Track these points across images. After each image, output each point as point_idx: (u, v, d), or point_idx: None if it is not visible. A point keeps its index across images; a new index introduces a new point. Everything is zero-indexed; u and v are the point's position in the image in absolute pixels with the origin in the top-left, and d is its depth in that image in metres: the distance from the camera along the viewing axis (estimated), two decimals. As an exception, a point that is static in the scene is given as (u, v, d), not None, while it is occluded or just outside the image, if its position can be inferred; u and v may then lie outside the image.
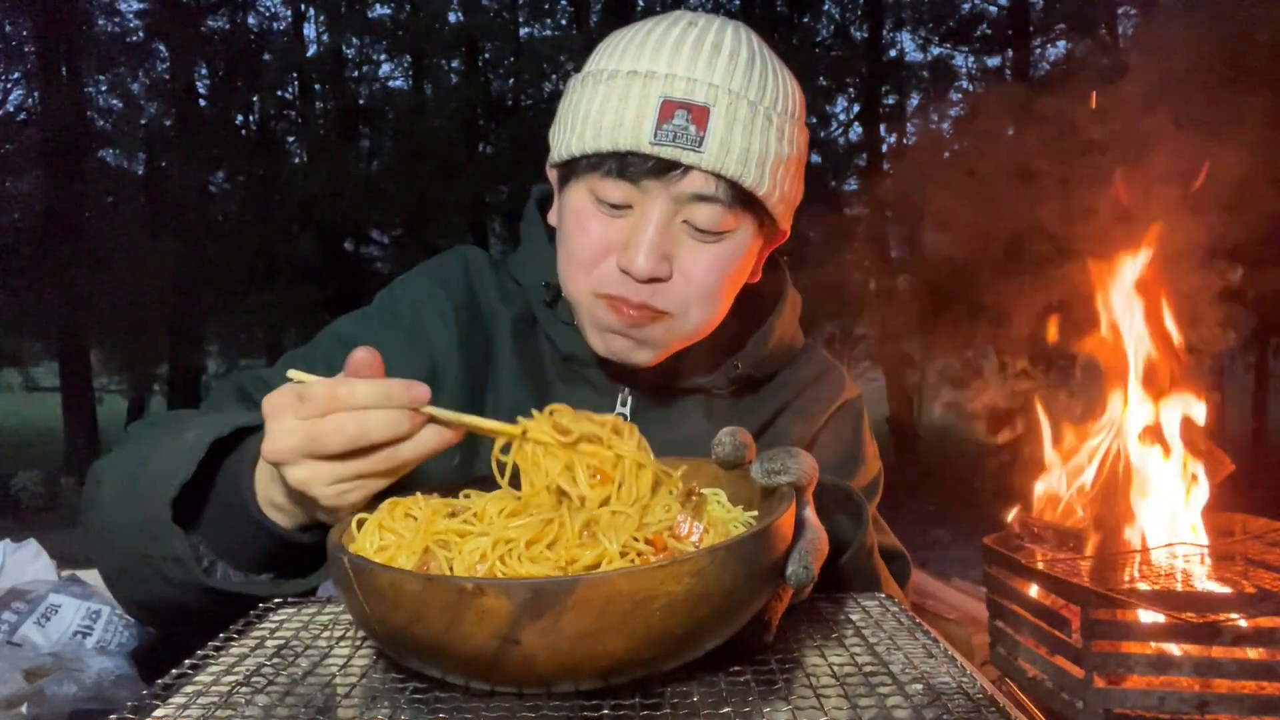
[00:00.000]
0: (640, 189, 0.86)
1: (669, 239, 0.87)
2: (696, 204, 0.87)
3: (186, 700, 0.59)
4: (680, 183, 0.85)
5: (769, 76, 0.90)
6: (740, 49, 0.89)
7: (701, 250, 0.89)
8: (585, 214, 0.89)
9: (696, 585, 0.55)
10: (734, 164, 0.85)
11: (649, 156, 0.84)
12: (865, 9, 10.98)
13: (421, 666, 0.59)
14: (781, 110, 0.90)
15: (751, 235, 0.91)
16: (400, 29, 11.40)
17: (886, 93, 11.39)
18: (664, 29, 0.90)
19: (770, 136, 0.88)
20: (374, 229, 11.34)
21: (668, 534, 0.63)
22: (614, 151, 0.85)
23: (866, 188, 10.73)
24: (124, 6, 17.83)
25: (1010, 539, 1.55)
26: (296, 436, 0.68)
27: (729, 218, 0.88)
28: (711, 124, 0.85)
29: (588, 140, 0.87)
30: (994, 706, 0.56)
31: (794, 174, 0.93)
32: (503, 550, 0.62)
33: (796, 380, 1.07)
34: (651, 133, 0.84)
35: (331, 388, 0.68)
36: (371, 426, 0.68)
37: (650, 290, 0.88)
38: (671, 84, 0.85)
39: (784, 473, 0.67)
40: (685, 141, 0.84)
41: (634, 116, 0.85)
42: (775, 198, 0.90)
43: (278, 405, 0.69)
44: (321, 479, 0.69)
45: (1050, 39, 10.81)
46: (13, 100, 11.00)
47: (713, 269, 0.89)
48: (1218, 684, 1.19)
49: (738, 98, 0.86)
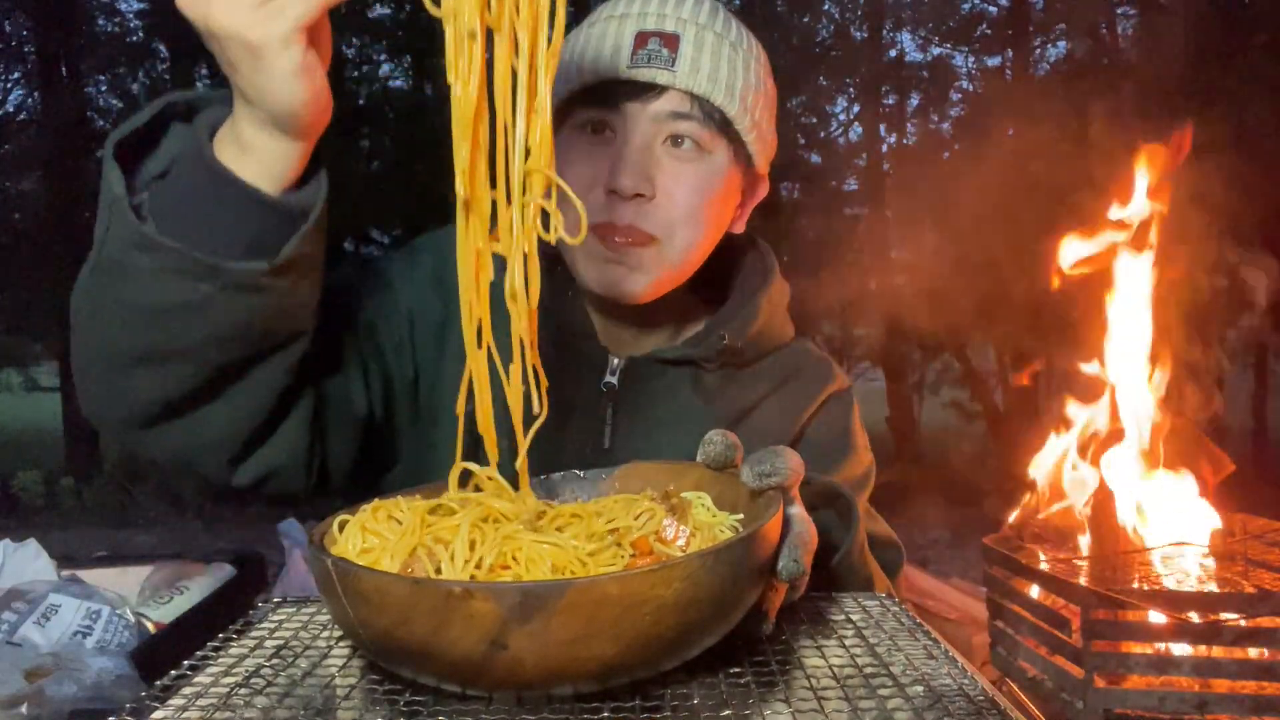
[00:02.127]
0: (621, 113, 0.93)
1: (650, 159, 0.93)
2: (674, 121, 0.94)
3: (185, 702, 0.59)
4: (657, 102, 0.93)
5: (732, 21, 0.99)
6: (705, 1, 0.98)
7: (682, 169, 0.94)
8: (571, 148, 0.95)
9: (687, 589, 0.55)
10: (704, 82, 0.93)
11: (627, 80, 0.93)
12: (865, 9, 10.97)
13: (407, 672, 0.59)
14: (746, 48, 0.98)
15: (729, 161, 0.97)
16: (400, 29, 11.39)
17: (886, 93, 11.38)
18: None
19: (737, 64, 0.96)
20: (374, 229, 11.33)
21: (654, 538, 0.63)
22: (598, 80, 0.93)
23: (866, 188, 10.72)
24: (124, 6, 17.85)
25: (1010, 539, 1.54)
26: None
27: (705, 136, 0.95)
28: (681, 48, 0.93)
29: (574, 77, 0.94)
30: (995, 709, 0.56)
31: (764, 108, 1.00)
32: (483, 530, 0.62)
33: (786, 366, 1.09)
34: (628, 59, 0.93)
35: None
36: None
37: (634, 209, 0.93)
38: (644, 19, 0.95)
39: (774, 474, 0.67)
40: (659, 62, 0.93)
41: (611, 48, 0.94)
42: (747, 123, 0.97)
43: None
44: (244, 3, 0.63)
45: (1050, 39, 10.81)
46: (13, 100, 11.00)
47: (694, 189, 0.95)
48: (1218, 684, 1.19)
49: (703, 28, 0.95)
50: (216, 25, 0.64)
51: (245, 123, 0.71)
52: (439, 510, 0.68)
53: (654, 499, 0.70)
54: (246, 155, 0.71)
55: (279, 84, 0.67)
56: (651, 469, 0.80)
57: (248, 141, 0.71)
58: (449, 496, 0.72)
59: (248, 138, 0.71)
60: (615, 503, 0.70)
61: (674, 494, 0.72)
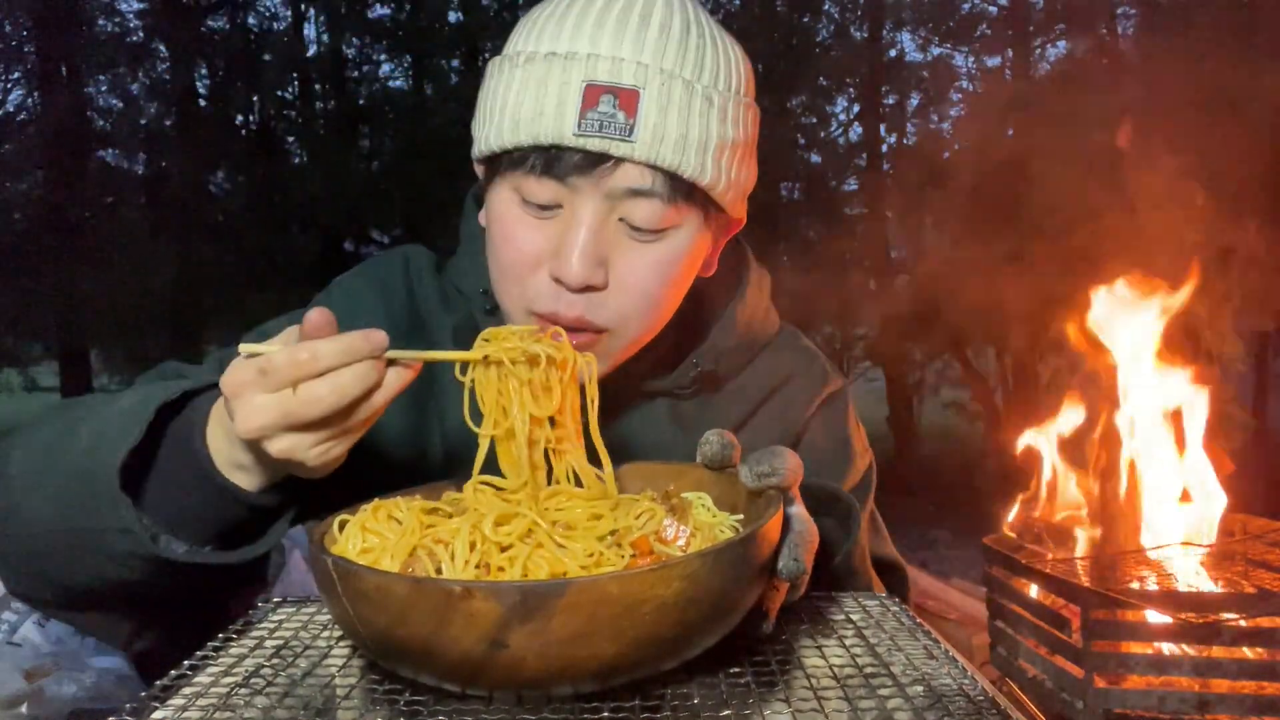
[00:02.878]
0: (568, 186, 0.79)
1: (603, 241, 0.80)
2: (632, 200, 0.79)
3: (185, 701, 0.59)
4: (611, 177, 0.78)
5: (708, 49, 0.81)
6: (673, 18, 0.80)
7: (640, 253, 0.81)
8: (511, 220, 0.82)
9: (686, 589, 0.55)
10: (670, 153, 0.78)
11: (574, 149, 0.77)
12: (865, 9, 10.97)
13: (407, 671, 0.59)
14: (725, 87, 0.82)
15: (697, 230, 0.84)
16: (400, 29, 11.39)
17: (886, 93, 11.38)
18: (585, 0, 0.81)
19: (711, 119, 0.80)
20: (374, 229, 11.33)
21: (654, 538, 0.63)
22: (536, 146, 0.78)
23: (866, 188, 10.72)
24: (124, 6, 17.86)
25: (1010, 539, 1.54)
26: (271, 413, 0.66)
27: (669, 213, 0.80)
28: (642, 108, 0.77)
29: (506, 134, 0.79)
30: (995, 709, 0.56)
31: (743, 158, 0.85)
32: (482, 533, 0.62)
33: (772, 374, 1.01)
34: (575, 123, 0.76)
35: (293, 354, 0.66)
36: (346, 386, 0.66)
37: (585, 301, 0.81)
38: (595, 65, 0.77)
39: (773, 475, 0.67)
40: (613, 130, 0.76)
41: (555, 105, 0.77)
42: (721, 186, 0.82)
43: (239, 382, 0.67)
44: (305, 445, 0.67)
45: (1050, 39, 10.81)
46: (13, 100, 10.99)
47: (653, 274, 0.82)
48: (1217, 684, 1.19)
49: (671, 77, 0.78)
50: (276, 454, 0.68)
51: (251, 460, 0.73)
52: (436, 512, 0.68)
53: (654, 499, 0.70)
54: (243, 472, 0.74)
55: (313, 475, 0.71)
56: (651, 469, 0.80)
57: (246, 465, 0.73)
58: (449, 498, 0.72)
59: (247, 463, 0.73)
60: (616, 503, 0.71)
61: (674, 494, 0.72)
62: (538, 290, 0.82)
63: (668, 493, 0.72)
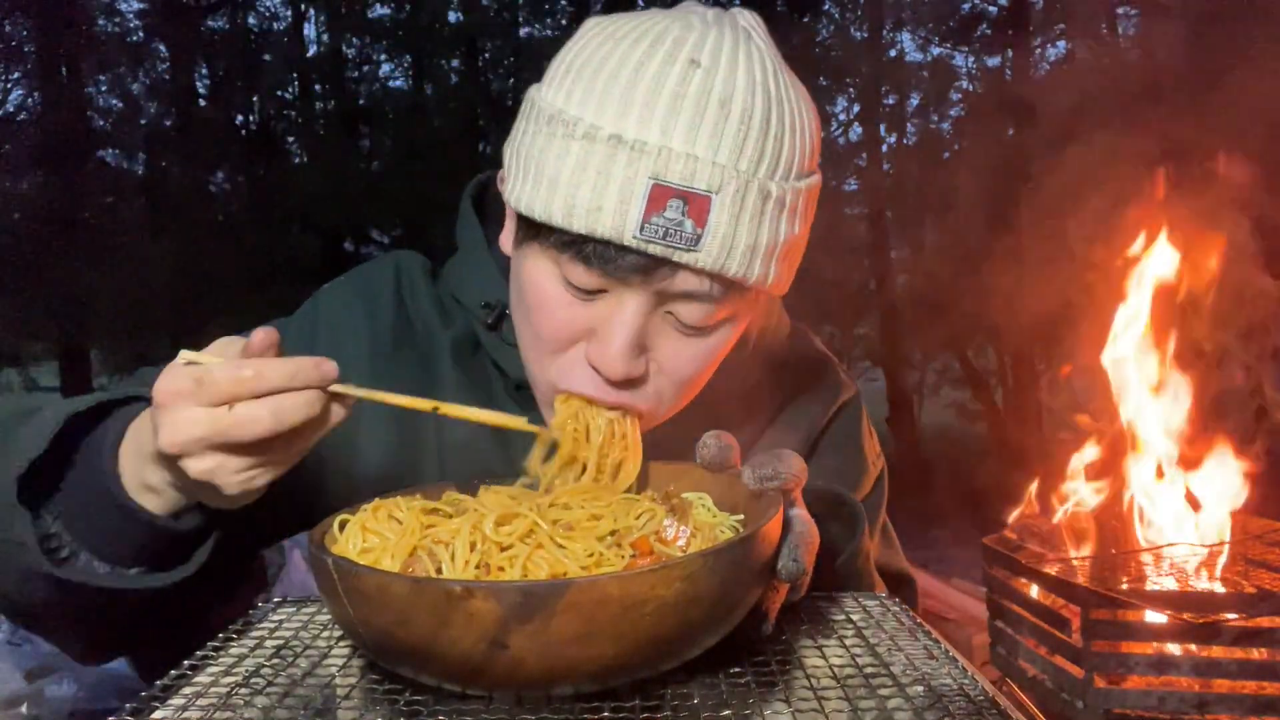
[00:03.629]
0: (615, 278, 0.72)
1: (645, 334, 0.75)
2: (682, 302, 0.74)
3: (185, 701, 0.59)
4: (666, 281, 0.72)
5: (786, 136, 0.73)
6: (754, 101, 0.71)
7: (685, 345, 0.76)
8: (551, 294, 0.75)
9: (687, 589, 0.55)
10: (736, 264, 0.72)
11: (632, 250, 0.70)
12: (865, 9, 10.97)
13: (407, 671, 0.59)
14: (798, 174, 0.75)
15: (744, 314, 0.80)
16: (400, 29, 11.40)
17: (886, 93, 11.38)
18: (659, 65, 0.71)
19: (782, 222, 0.74)
20: (374, 229, 11.34)
21: (654, 538, 0.63)
22: (589, 237, 0.71)
23: (866, 188, 10.73)
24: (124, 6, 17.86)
25: (1010, 539, 1.54)
26: (200, 427, 0.62)
27: (720, 311, 0.75)
28: (713, 218, 0.69)
29: (556, 213, 0.71)
30: (995, 709, 0.56)
31: (801, 245, 0.79)
32: (481, 533, 0.62)
33: (787, 383, 0.99)
34: (638, 225, 0.69)
35: (235, 371, 0.63)
36: (287, 412, 0.63)
37: (622, 391, 0.77)
38: (666, 162, 0.69)
39: (775, 478, 0.66)
40: (679, 240, 0.69)
41: (616, 201, 0.69)
42: (783, 282, 0.78)
43: (172, 391, 0.63)
44: (229, 469, 0.65)
45: (1050, 39, 10.81)
46: (13, 100, 10.98)
47: (697, 365, 0.78)
48: (1218, 684, 1.19)
49: (748, 180, 0.70)
50: (195, 474, 0.65)
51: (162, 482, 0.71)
52: (437, 513, 0.68)
53: (654, 499, 0.70)
54: (152, 494, 0.72)
55: (227, 505, 0.69)
56: (652, 469, 0.80)
57: (156, 487, 0.71)
58: (449, 498, 0.72)
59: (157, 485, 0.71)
60: (616, 503, 0.71)
61: (674, 494, 0.72)
62: (570, 370, 0.77)
63: (668, 493, 0.72)
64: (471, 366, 0.93)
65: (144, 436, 0.70)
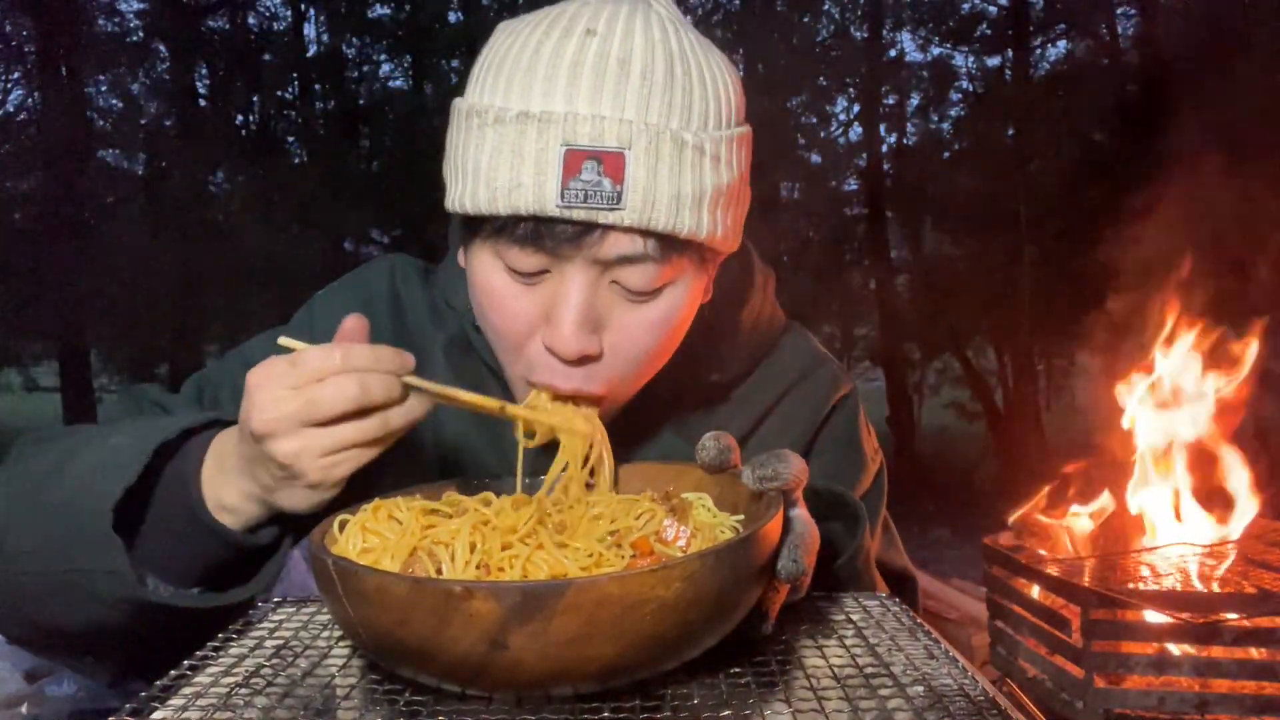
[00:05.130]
0: (553, 255, 0.74)
1: (596, 308, 0.76)
2: (624, 265, 0.74)
3: (185, 701, 0.59)
4: (600, 245, 0.73)
5: (695, 88, 0.74)
6: (654, 58, 0.72)
7: (635, 314, 0.77)
8: (499, 288, 0.77)
9: (687, 590, 0.55)
10: (662, 216, 0.72)
11: (559, 220, 0.71)
12: (865, 9, 10.97)
13: (407, 671, 0.59)
14: (716, 126, 0.75)
15: (693, 277, 0.79)
16: (400, 29, 11.40)
17: (886, 93, 11.38)
18: (557, 40, 0.73)
19: (704, 169, 0.74)
20: (374, 229, 11.34)
21: (654, 538, 0.63)
22: (516, 216, 0.72)
23: (866, 188, 10.74)
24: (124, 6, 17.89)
25: (1010, 539, 1.54)
26: (292, 403, 0.66)
27: (664, 271, 0.75)
28: (629, 172, 0.70)
29: (483, 201, 0.73)
30: (995, 709, 0.56)
31: (738, 194, 0.79)
32: (483, 533, 0.62)
33: (780, 380, 0.99)
34: (558, 193, 0.70)
35: (325, 350, 0.67)
36: (371, 387, 0.67)
37: (581, 374, 0.77)
38: (574, 126, 0.70)
39: (775, 479, 0.66)
40: (599, 199, 0.70)
41: (533, 174, 0.71)
42: (719, 234, 0.77)
43: (267, 374, 0.67)
44: (314, 449, 0.67)
45: (1050, 39, 10.81)
46: (13, 100, 10.99)
47: (649, 335, 0.78)
48: (1218, 684, 1.19)
49: (659, 132, 0.71)
50: (282, 456, 0.67)
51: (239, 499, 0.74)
52: (436, 513, 0.68)
53: (654, 500, 0.70)
54: (228, 514, 0.74)
55: (305, 502, 0.71)
56: (651, 469, 0.80)
57: (231, 506, 0.74)
58: (449, 498, 0.72)
59: (232, 504, 0.74)
60: (616, 503, 0.71)
61: (674, 495, 0.72)
62: (534, 361, 0.79)
63: (668, 493, 0.72)
64: (464, 368, 0.93)
65: (223, 454, 0.74)
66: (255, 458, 0.70)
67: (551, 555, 0.61)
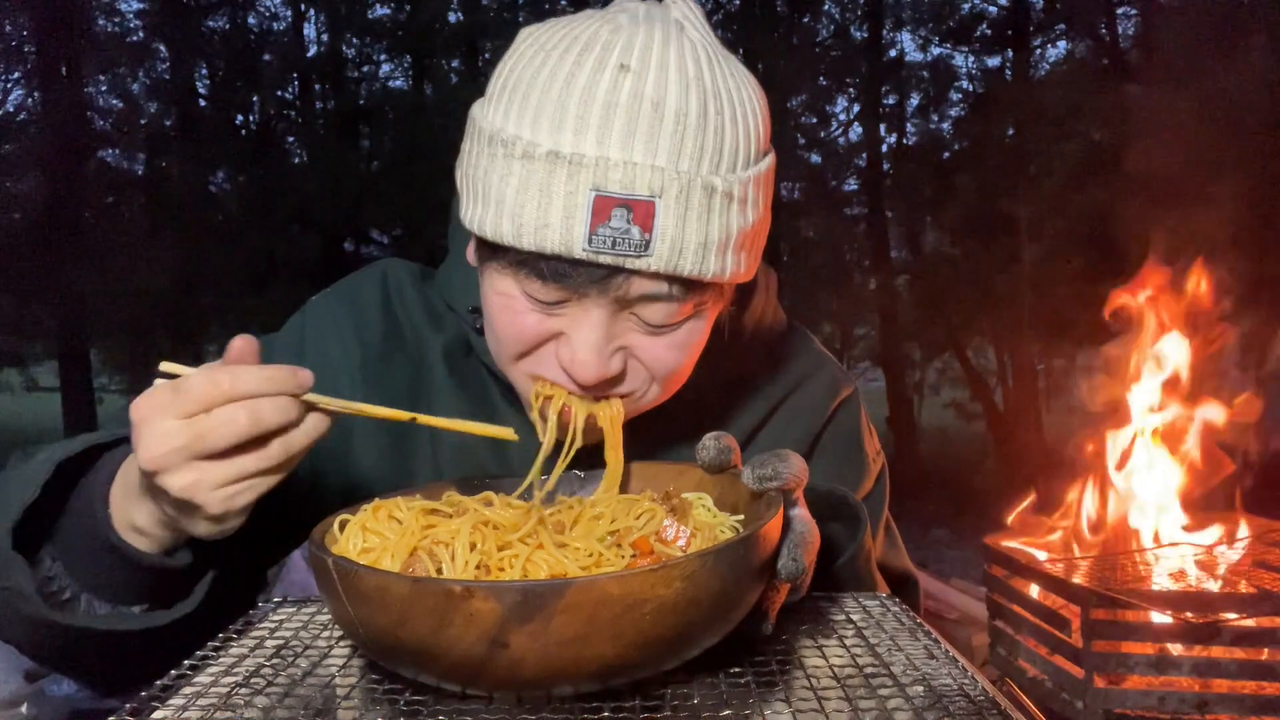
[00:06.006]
0: (574, 292, 0.73)
1: (616, 334, 0.75)
2: (644, 304, 0.74)
3: (185, 701, 0.59)
4: (624, 287, 0.72)
5: (726, 127, 0.72)
6: (688, 98, 0.70)
7: (655, 342, 0.77)
8: (517, 309, 0.76)
9: (687, 589, 0.55)
10: (689, 263, 0.71)
11: (584, 262, 0.70)
12: (865, 9, 10.97)
13: (407, 671, 0.59)
14: (744, 165, 0.74)
15: (712, 307, 0.79)
16: (400, 29, 11.40)
17: (887, 93, 11.38)
18: (589, 75, 0.70)
19: (732, 214, 0.73)
20: (374, 229, 11.34)
21: (654, 538, 0.63)
22: (541, 254, 0.71)
23: (866, 188, 10.74)
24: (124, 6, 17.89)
25: (1010, 539, 1.54)
26: (180, 437, 0.62)
27: (685, 308, 0.75)
28: (659, 221, 0.69)
29: (506, 233, 0.72)
30: (995, 709, 0.56)
31: (762, 230, 0.78)
32: (483, 532, 0.62)
33: (783, 381, 0.98)
34: (585, 238, 0.69)
35: (210, 376, 0.63)
36: (263, 413, 0.63)
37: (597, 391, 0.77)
38: (605, 172, 0.69)
39: (775, 478, 0.66)
40: (627, 247, 0.69)
41: (561, 217, 0.69)
42: (743, 273, 0.77)
43: (151, 406, 0.63)
44: (209, 482, 0.64)
45: (1050, 39, 10.81)
46: (13, 100, 10.99)
47: (671, 356, 0.78)
48: (1218, 684, 1.19)
49: (690, 180, 0.70)
50: (176, 491, 0.64)
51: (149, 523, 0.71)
52: (436, 513, 0.68)
53: (655, 499, 0.70)
54: (140, 535, 0.72)
55: (210, 531, 0.68)
56: (652, 469, 0.80)
57: (143, 527, 0.71)
58: (449, 498, 0.72)
59: (143, 526, 0.71)
60: (616, 503, 0.71)
61: (675, 494, 0.72)
62: (546, 363, 0.78)
63: (668, 493, 0.72)
64: (464, 370, 0.92)
65: (130, 476, 0.71)
66: (154, 490, 0.67)
67: (551, 555, 0.61)
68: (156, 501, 0.68)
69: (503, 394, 0.91)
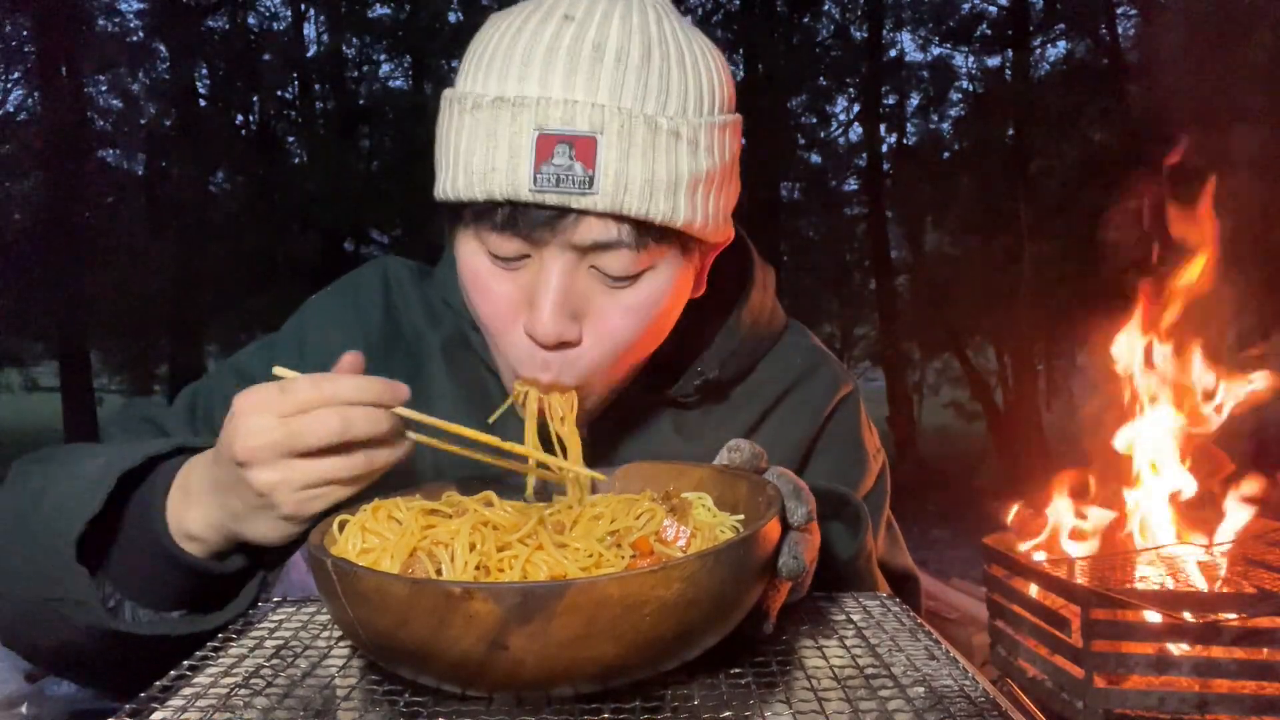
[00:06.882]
0: (533, 240, 0.73)
1: (576, 292, 0.75)
2: (600, 251, 0.74)
3: (185, 702, 0.59)
4: (575, 230, 0.72)
5: (673, 73, 0.73)
6: (630, 43, 0.72)
7: (614, 300, 0.76)
8: (483, 274, 0.77)
9: (687, 590, 0.55)
10: (635, 200, 0.72)
11: (533, 204, 0.71)
12: (865, 9, 10.97)
13: (407, 672, 0.59)
14: (695, 112, 0.74)
15: (676, 266, 0.78)
16: (400, 29, 11.39)
17: (886, 93, 11.39)
18: (535, 27, 0.73)
19: (680, 155, 0.73)
20: (374, 229, 11.33)
21: (654, 538, 0.63)
22: (492, 201, 0.72)
23: (866, 188, 10.74)
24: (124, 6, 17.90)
25: (1010, 539, 1.54)
26: (275, 433, 0.66)
27: (641, 258, 0.75)
28: (601, 156, 0.70)
29: (461, 187, 0.74)
30: (996, 710, 0.56)
31: (722, 183, 0.79)
32: (483, 533, 0.62)
33: (780, 379, 0.97)
34: (530, 177, 0.70)
35: (314, 380, 0.67)
36: (355, 421, 0.67)
37: (559, 361, 0.77)
38: (545, 111, 0.70)
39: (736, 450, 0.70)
40: (571, 184, 0.70)
41: (507, 158, 0.71)
42: (698, 222, 0.76)
43: (254, 401, 0.67)
44: (293, 482, 0.67)
45: (1050, 39, 10.81)
46: (13, 100, 10.99)
47: (628, 322, 0.77)
48: (1218, 684, 1.19)
49: (631, 116, 0.71)
50: (260, 485, 0.67)
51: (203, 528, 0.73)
52: (436, 514, 0.68)
53: (654, 499, 0.70)
54: (192, 542, 0.74)
55: (275, 534, 0.71)
56: (652, 469, 0.80)
57: (196, 534, 0.74)
58: (449, 499, 0.72)
59: (196, 533, 0.73)
60: (616, 503, 0.71)
61: (674, 494, 0.72)
62: (518, 353, 0.78)
63: (668, 493, 0.72)
64: (463, 367, 0.93)
65: (192, 481, 0.73)
66: (231, 484, 0.69)
67: (551, 556, 0.61)
68: (226, 499, 0.70)
69: (500, 390, 0.90)
